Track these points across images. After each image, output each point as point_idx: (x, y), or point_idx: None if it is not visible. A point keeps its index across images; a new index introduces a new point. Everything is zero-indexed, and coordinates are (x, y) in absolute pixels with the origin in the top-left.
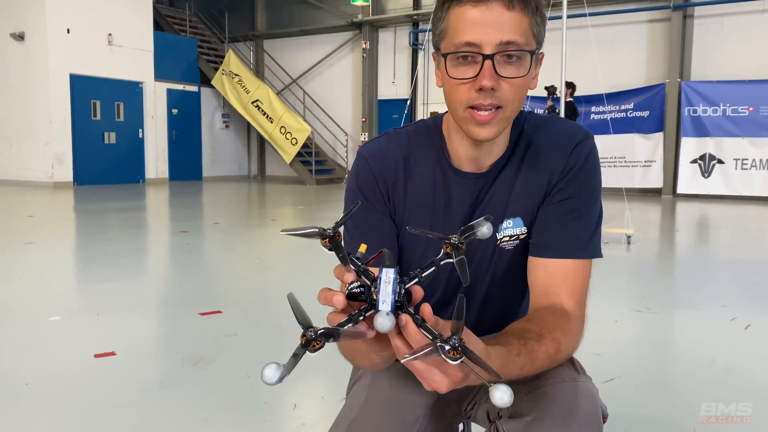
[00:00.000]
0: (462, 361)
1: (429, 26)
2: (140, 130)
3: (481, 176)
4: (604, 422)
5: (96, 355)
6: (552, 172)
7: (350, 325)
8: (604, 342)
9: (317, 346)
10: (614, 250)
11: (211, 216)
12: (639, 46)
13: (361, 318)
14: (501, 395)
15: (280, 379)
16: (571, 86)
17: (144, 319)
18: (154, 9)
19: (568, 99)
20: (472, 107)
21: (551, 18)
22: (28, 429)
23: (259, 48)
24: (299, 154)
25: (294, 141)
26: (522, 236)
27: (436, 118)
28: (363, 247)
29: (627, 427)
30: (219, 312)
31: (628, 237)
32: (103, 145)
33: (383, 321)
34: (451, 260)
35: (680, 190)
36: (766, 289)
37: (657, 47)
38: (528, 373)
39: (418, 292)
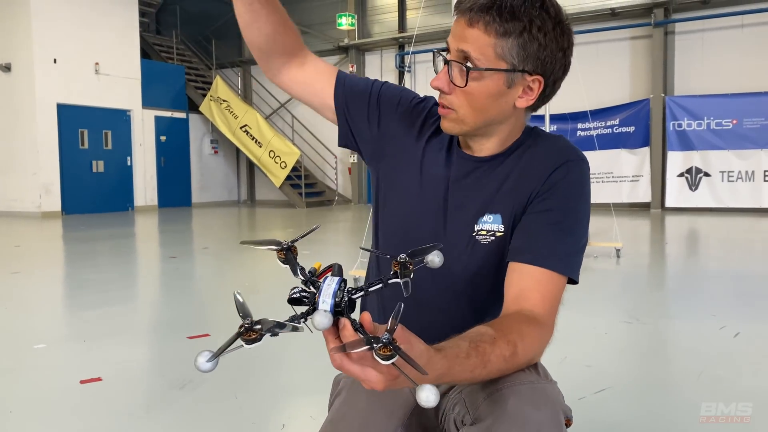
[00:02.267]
0: (393, 363)
1: (412, 48)
2: (128, 158)
3: (478, 160)
4: (567, 426)
5: (82, 381)
6: (537, 182)
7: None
8: (595, 354)
9: (253, 337)
10: (604, 264)
11: (201, 241)
12: (622, 63)
13: (302, 321)
14: (426, 395)
15: (213, 365)
16: None
17: (131, 345)
18: (141, 37)
19: None
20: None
21: None
22: None
23: (247, 74)
24: (289, 177)
25: (283, 165)
26: (498, 233)
27: None
28: (317, 264)
29: None
30: (207, 335)
31: (617, 251)
32: (92, 174)
33: (321, 319)
34: (398, 279)
35: (668, 203)
36: (754, 298)
37: (640, 64)
38: (481, 375)
39: (367, 318)
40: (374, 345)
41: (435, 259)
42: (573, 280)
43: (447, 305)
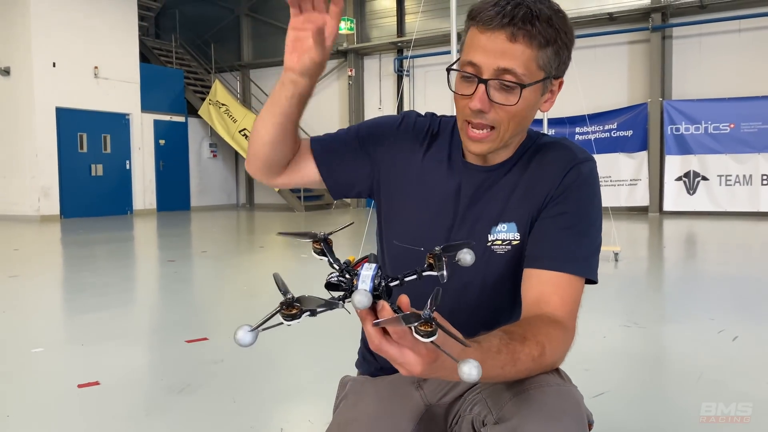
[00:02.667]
0: (433, 341)
1: (411, 53)
2: (127, 162)
3: (486, 170)
4: (590, 429)
5: (79, 385)
6: (550, 186)
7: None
8: (593, 357)
9: (293, 312)
10: (602, 268)
11: (199, 245)
12: (620, 67)
13: (342, 301)
14: (469, 369)
15: (253, 338)
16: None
17: (129, 348)
18: (140, 41)
19: None
20: (467, 121)
21: None
22: None
23: (246, 77)
24: None
25: None
26: (515, 242)
27: None
28: (351, 257)
29: None
30: (205, 339)
31: (616, 254)
32: (90, 178)
33: (360, 298)
34: (433, 273)
35: (666, 207)
36: (752, 302)
37: (638, 68)
38: (510, 374)
39: (405, 300)
40: (414, 322)
41: (467, 257)
42: (592, 280)
43: (467, 318)
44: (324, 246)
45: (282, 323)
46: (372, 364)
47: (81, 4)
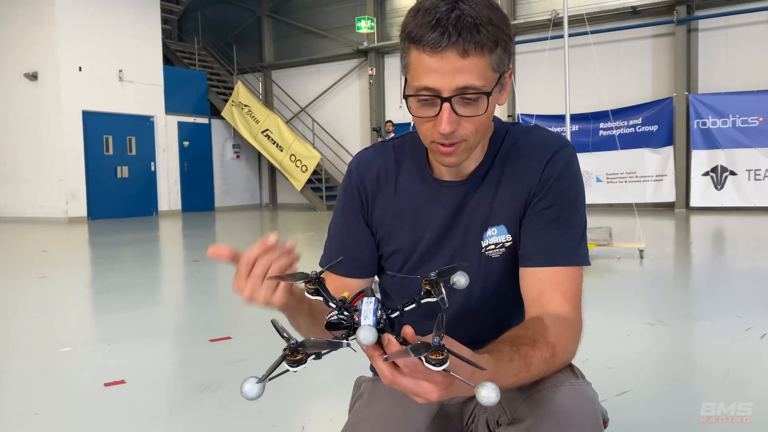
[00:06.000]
0: (445, 368)
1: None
2: (152, 163)
3: (462, 183)
4: (605, 427)
5: (106, 384)
6: (531, 182)
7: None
8: (617, 355)
9: (298, 358)
10: (627, 265)
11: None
12: (644, 61)
13: (346, 340)
14: (487, 393)
15: (260, 390)
16: (391, 123)
17: (154, 348)
18: (164, 44)
19: (390, 135)
20: (435, 142)
21: (553, 38)
22: None
23: (268, 78)
24: (310, 181)
25: (304, 168)
26: (507, 244)
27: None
28: (346, 294)
29: None
30: (229, 338)
31: (641, 251)
32: (116, 180)
33: (366, 334)
34: (432, 299)
35: (693, 203)
36: None
37: (663, 62)
38: (524, 379)
39: (409, 331)
40: (424, 352)
41: (461, 279)
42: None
43: (474, 325)
44: (318, 285)
45: (288, 370)
46: None
47: (105, 9)
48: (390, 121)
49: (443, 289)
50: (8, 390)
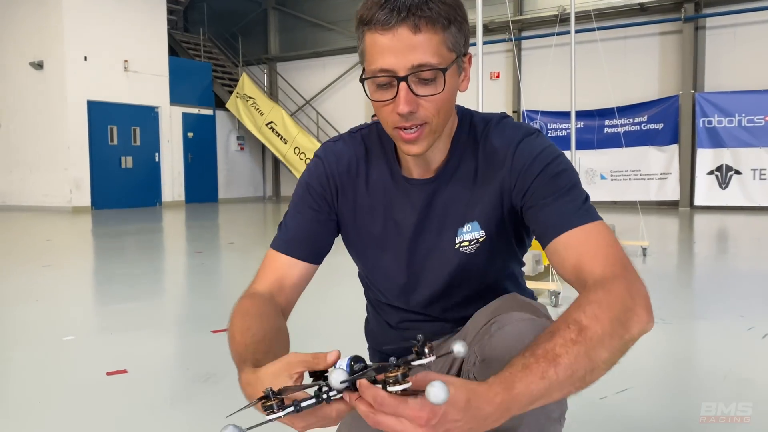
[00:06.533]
0: (407, 387)
1: None
2: (156, 154)
3: (431, 181)
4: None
5: (108, 373)
6: (503, 176)
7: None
8: None
9: (275, 412)
10: None
11: (226, 236)
12: (651, 58)
13: (324, 397)
14: (436, 391)
15: None
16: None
17: (157, 338)
18: (169, 35)
19: None
20: (398, 126)
21: (560, 33)
22: None
23: (273, 71)
24: None
25: (308, 161)
26: (481, 239)
27: None
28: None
29: None
30: None
31: (644, 249)
32: (120, 170)
33: (337, 375)
34: (422, 361)
35: (698, 202)
36: None
37: (669, 59)
38: (558, 375)
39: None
40: (382, 372)
41: (460, 349)
42: None
43: (463, 311)
44: (278, 401)
45: (269, 420)
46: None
47: None
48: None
49: (431, 351)
50: (11, 377)
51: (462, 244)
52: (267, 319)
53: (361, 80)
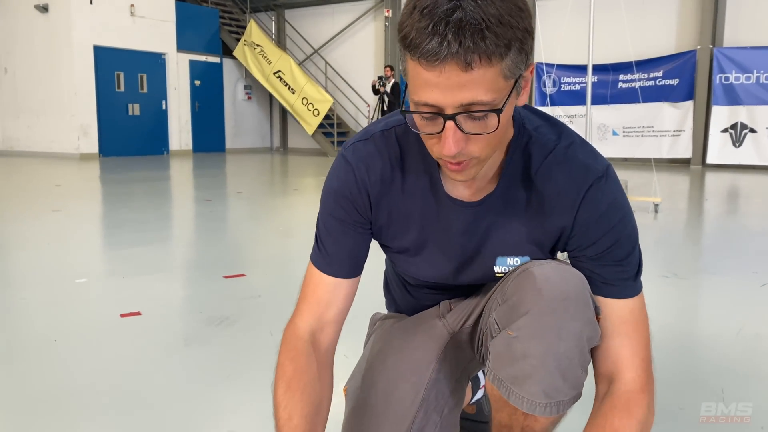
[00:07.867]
0: None
1: None
2: (163, 102)
3: (476, 204)
4: (597, 321)
5: (122, 315)
6: (565, 221)
7: None
8: None
9: None
10: (641, 218)
11: (235, 186)
12: (669, 11)
13: None
14: None
15: None
16: (390, 68)
17: (169, 282)
18: None
19: (391, 80)
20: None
21: None
22: (54, 382)
23: (281, 18)
24: (321, 125)
25: (316, 112)
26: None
27: None
28: None
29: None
30: (243, 275)
31: (656, 205)
32: (128, 117)
33: None
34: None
35: (710, 160)
36: None
37: (688, 13)
38: None
39: None
40: None
41: None
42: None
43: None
44: None
45: None
46: (396, 308)
47: None
48: (389, 66)
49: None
50: (27, 316)
51: (502, 272)
52: (309, 395)
53: (402, 113)
